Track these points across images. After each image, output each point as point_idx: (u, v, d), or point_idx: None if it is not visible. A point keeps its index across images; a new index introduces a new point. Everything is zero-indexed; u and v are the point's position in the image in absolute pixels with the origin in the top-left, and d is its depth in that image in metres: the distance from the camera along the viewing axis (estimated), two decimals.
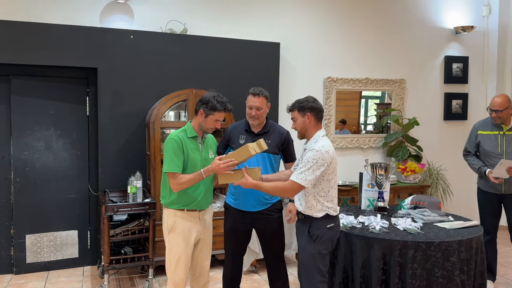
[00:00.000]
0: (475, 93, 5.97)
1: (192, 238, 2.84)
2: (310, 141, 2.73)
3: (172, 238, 2.82)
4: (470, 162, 3.94)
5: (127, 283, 4.08)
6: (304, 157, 2.65)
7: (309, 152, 2.63)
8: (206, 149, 2.91)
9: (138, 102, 4.36)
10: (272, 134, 3.12)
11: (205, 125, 2.84)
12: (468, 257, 3.06)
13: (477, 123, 4.00)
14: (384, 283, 2.98)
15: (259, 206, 3.05)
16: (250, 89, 3.06)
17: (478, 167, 3.82)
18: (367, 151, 5.49)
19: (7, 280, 4.13)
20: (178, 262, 2.80)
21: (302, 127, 2.75)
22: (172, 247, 2.81)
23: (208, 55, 4.60)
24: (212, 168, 2.69)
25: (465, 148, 4.00)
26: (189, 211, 2.82)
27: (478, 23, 5.83)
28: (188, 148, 2.79)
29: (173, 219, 2.81)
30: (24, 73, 4.22)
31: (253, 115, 3.02)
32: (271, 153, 3.07)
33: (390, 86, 5.54)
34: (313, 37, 5.21)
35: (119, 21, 4.43)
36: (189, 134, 2.83)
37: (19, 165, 4.24)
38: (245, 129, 3.12)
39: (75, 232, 4.46)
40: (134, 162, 4.30)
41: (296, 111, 2.75)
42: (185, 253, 2.81)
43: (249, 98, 3.04)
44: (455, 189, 5.65)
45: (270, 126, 3.15)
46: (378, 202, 3.72)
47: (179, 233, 2.80)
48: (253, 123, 3.06)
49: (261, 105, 3.02)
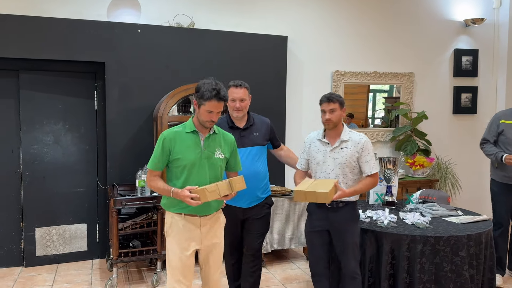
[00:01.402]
0: (484, 87, 5.91)
1: (189, 247, 2.56)
2: (346, 133, 2.89)
3: (168, 242, 2.61)
4: (486, 149, 3.91)
5: (135, 276, 4.11)
6: (364, 149, 2.85)
7: (363, 143, 2.86)
8: (211, 146, 2.59)
9: (146, 96, 4.37)
10: (257, 125, 3.12)
11: (200, 117, 2.53)
12: (477, 252, 3.05)
13: (500, 113, 3.99)
14: (392, 278, 2.98)
15: (252, 202, 3.05)
16: (230, 82, 3.03)
17: (495, 153, 3.80)
18: (375, 145, 5.46)
19: (17, 272, 4.18)
20: (174, 268, 2.56)
21: (338, 119, 2.87)
22: (168, 251, 2.60)
23: (215, 49, 4.58)
24: (180, 195, 2.45)
25: (483, 138, 3.97)
26: (187, 216, 2.55)
27: (488, 16, 5.75)
28: (182, 144, 2.54)
29: (169, 222, 2.59)
30: (32, 67, 4.24)
31: (237, 107, 2.98)
32: (260, 144, 3.09)
33: (399, 79, 5.50)
34: (321, 30, 5.18)
35: (127, 15, 4.43)
36: (188, 129, 2.57)
37: (28, 159, 4.27)
38: (229, 126, 3.04)
39: (84, 226, 4.50)
40: (142, 156, 4.31)
41: (338, 103, 2.86)
42: (181, 260, 2.55)
43: (230, 90, 2.99)
44: (464, 183, 5.62)
45: (254, 118, 3.14)
46: (386, 197, 3.70)
47: (174, 238, 2.57)
48: (238, 115, 3.02)
49: (244, 96, 3.00)
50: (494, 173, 3.96)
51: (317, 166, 2.92)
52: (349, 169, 2.86)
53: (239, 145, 2.95)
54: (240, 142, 2.98)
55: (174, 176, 2.59)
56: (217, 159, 2.60)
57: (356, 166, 2.88)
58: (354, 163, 2.86)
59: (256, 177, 3.03)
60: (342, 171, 2.86)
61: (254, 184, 3.00)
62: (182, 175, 2.55)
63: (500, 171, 3.87)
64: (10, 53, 3.98)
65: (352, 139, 2.87)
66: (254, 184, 2.99)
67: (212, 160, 2.58)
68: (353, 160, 2.85)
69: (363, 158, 2.87)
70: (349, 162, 2.84)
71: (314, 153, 2.94)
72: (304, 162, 3.04)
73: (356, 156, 2.85)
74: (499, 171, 3.88)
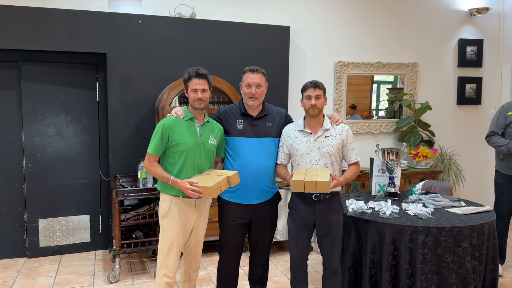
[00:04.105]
0: (489, 77, 5.85)
1: (187, 226, 2.78)
2: (328, 122, 2.86)
3: (165, 223, 2.76)
4: (495, 141, 3.85)
5: (138, 267, 4.13)
6: (349, 137, 2.85)
7: (347, 131, 2.85)
8: (206, 133, 2.78)
9: (148, 87, 4.35)
10: (272, 116, 2.92)
11: (190, 101, 2.76)
12: (480, 243, 3.03)
13: (507, 104, 3.91)
14: (394, 268, 2.97)
15: (263, 197, 2.87)
16: (246, 67, 2.86)
17: (507, 143, 3.74)
18: (378, 136, 5.44)
19: (21, 263, 4.21)
20: (170, 248, 2.74)
21: (323, 106, 2.84)
22: (164, 232, 2.76)
23: (217, 39, 4.55)
24: (179, 185, 2.64)
25: (491, 131, 3.90)
26: (184, 198, 2.74)
27: (493, 5, 5.68)
28: (180, 131, 2.70)
29: (168, 205, 2.75)
30: (34, 59, 4.23)
31: (253, 93, 2.77)
32: (273, 136, 2.88)
33: (403, 70, 5.45)
34: (323, 20, 5.13)
35: (128, 6, 4.40)
36: (186, 117, 2.75)
37: (30, 151, 4.28)
38: (241, 113, 2.87)
39: (87, 217, 4.51)
40: (144, 147, 4.24)
41: (322, 90, 2.82)
42: (178, 240, 2.75)
43: (246, 75, 2.81)
44: (468, 174, 5.59)
45: (269, 108, 2.94)
46: (388, 188, 3.68)
47: (173, 219, 2.74)
48: (253, 103, 2.81)
49: (261, 82, 2.81)
50: (499, 165, 3.93)
51: (300, 158, 2.81)
52: (335, 158, 2.81)
53: (249, 134, 2.82)
54: (251, 132, 2.83)
55: (171, 160, 2.75)
56: (211, 145, 2.80)
57: (340, 155, 2.85)
58: (339, 152, 2.83)
59: (266, 171, 2.85)
60: (330, 160, 2.79)
61: (264, 178, 2.84)
62: (180, 159, 2.72)
63: (506, 162, 3.84)
64: (11, 45, 3.97)
65: (334, 127, 2.83)
66: (263, 178, 2.84)
67: (206, 146, 2.78)
68: (338, 149, 2.81)
69: (348, 145, 2.84)
70: (335, 150, 2.79)
71: (296, 144, 2.82)
72: (285, 156, 2.90)
73: (342, 144, 2.82)
74: (505, 163, 3.85)
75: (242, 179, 2.76)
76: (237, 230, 2.89)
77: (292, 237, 2.88)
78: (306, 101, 2.80)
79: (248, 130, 2.84)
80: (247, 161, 2.81)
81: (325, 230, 2.82)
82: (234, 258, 2.96)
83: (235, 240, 2.91)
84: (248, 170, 2.80)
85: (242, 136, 2.84)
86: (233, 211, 2.87)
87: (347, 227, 3.16)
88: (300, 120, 2.89)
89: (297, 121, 2.91)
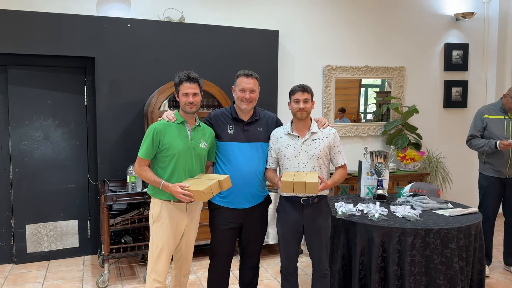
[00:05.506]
0: (475, 81, 5.94)
1: (178, 230, 2.76)
2: (315, 125, 2.87)
3: (156, 228, 2.73)
4: (475, 143, 3.94)
5: (127, 272, 4.10)
6: (336, 140, 2.86)
7: (334, 134, 2.87)
8: (197, 137, 2.77)
9: (136, 91, 4.34)
10: (263, 121, 2.94)
11: (181, 105, 2.74)
12: (467, 244, 3.07)
13: (482, 108, 4.04)
14: (383, 270, 2.99)
15: (254, 201, 2.88)
16: (239, 71, 2.86)
17: (487, 142, 3.84)
18: (367, 140, 5.48)
19: (8, 269, 4.15)
20: (161, 253, 2.72)
21: (311, 110, 2.85)
22: (155, 237, 2.74)
23: (206, 43, 4.56)
24: (170, 189, 2.62)
25: (470, 134, 4.00)
26: (175, 203, 2.72)
27: (478, 10, 5.78)
28: (171, 135, 2.69)
29: (159, 209, 2.73)
30: (21, 62, 4.19)
31: (247, 98, 2.79)
32: (263, 141, 2.91)
33: (390, 73, 5.51)
34: (312, 24, 5.17)
35: (116, 10, 4.39)
36: (177, 121, 2.75)
37: (17, 155, 4.23)
38: (232, 117, 2.88)
39: (75, 222, 4.47)
40: (133, 151, 4.27)
41: (310, 95, 2.84)
42: (168, 245, 2.73)
43: (240, 79, 2.82)
44: (455, 176, 5.66)
45: (260, 112, 2.96)
46: (377, 190, 3.72)
47: (164, 224, 2.71)
48: (246, 107, 2.82)
49: (255, 87, 2.84)
50: (483, 167, 4.00)
51: (288, 161, 2.81)
52: (322, 161, 2.82)
53: (241, 139, 2.83)
54: (242, 136, 2.84)
55: (161, 164, 2.73)
56: (202, 149, 2.79)
57: (328, 158, 2.87)
58: (327, 155, 2.84)
59: (257, 175, 2.86)
60: (317, 163, 2.80)
61: (255, 182, 2.85)
62: (171, 163, 2.71)
63: (488, 164, 3.92)
64: None
65: (321, 130, 2.85)
66: (254, 182, 2.85)
67: (197, 150, 2.77)
68: (326, 152, 2.82)
69: (336, 148, 2.86)
70: (323, 153, 2.81)
71: (283, 148, 2.82)
72: (273, 160, 2.90)
73: (329, 147, 2.84)
74: (488, 165, 3.93)
75: (234, 183, 2.75)
76: (228, 234, 2.88)
77: (281, 240, 2.89)
78: (294, 104, 2.82)
79: (239, 135, 2.85)
80: (239, 166, 2.82)
81: (313, 233, 2.83)
82: (225, 263, 2.94)
83: (226, 245, 2.89)
84: (239, 175, 2.81)
85: (234, 141, 2.85)
86: (225, 215, 2.86)
87: (336, 230, 3.19)
88: (288, 123, 2.91)
89: (285, 125, 2.93)
